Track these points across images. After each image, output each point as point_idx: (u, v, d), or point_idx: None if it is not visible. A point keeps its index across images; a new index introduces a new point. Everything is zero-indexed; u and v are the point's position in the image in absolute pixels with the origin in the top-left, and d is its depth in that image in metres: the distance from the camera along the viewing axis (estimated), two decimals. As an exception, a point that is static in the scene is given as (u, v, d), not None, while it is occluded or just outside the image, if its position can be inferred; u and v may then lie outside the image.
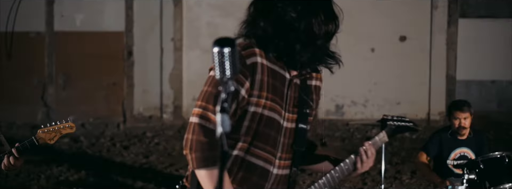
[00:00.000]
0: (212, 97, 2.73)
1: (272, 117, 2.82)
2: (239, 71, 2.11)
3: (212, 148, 2.69)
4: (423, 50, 12.66)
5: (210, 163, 2.68)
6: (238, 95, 2.74)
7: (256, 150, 2.83)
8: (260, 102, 2.79)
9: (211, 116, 2.70)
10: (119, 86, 12.70)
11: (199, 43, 12.83)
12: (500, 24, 12.64)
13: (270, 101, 2.81)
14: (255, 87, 2.77)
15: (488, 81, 12.65)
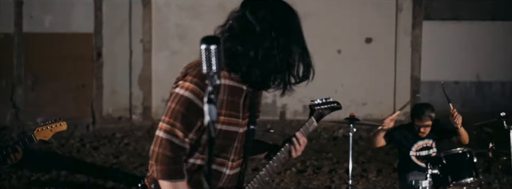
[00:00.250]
0: (180, 115, 2.93)
1: (229, 130, 3.05)
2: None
3: (176, 162, 2.93)
4: (389, 51, 12.99)
5: (173, 176, 2.92)
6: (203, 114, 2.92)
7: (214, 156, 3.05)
8: (218, 119, 2.98)
9: (178, 133, 2.92)
10: (88, 88, 12.79)
11: (168, 45, 12.98)
12: (463, 26, 13.04)
13: (227, 117, 3.03)
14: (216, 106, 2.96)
15: (452, 82, 13.00)
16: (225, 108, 3.01)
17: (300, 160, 9.88)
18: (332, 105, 3.50)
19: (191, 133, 2.95)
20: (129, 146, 11.21)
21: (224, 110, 3.00)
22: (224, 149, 3.07)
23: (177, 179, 2.92)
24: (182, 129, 2.93)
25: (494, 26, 13.02)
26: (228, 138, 3.05)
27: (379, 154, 10.55)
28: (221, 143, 3.04)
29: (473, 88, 12.97)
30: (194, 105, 2.93)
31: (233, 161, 3.12)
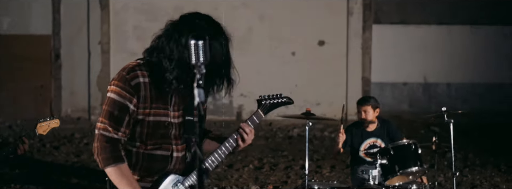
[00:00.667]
0: (109, 114, 3.39)
1: (157, 120, 3.49)
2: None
3: (113, 150, 3.38)
4: (340, 54, 13.69)
5: (113, 161, 3.36)
6: (129, 109, 3.36)
7: (152, 145, 3.50)
8: (145, 111, 3.45)
9: (109, 128, 3.39)
10: (46, 89, 13.13)
11: (126, 46, 13.41)
12: (411, 30, 13.88)
13: (153, 109, 3.48)
14: (140, 101, 3.41)
15: (401, 83, 13.79)
16: (150, 101, 3.44)
17: (257, 158, 10.38)
18: (280, 99, 3.88)
19: (122, 127, 3.40)
20: (89, 146, 11.54)
21: (148, 104, 3.44)
22: (164, 137, 3.50)
23: (117, 163, 3.35)
24: (112, 125, 3.37)
25: (440, 30, 13.88)
26: (161, 127, 3.48)
27: (332, 152, 11.13)
28: (153, 131, 3.48)
29: (420, 89, 13.78)
30: (119, 103, 3.39)
31: (177, 145, 3.54)
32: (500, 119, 13.34)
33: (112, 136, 3.36)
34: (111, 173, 3.35)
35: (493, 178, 9.19)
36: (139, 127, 3.43)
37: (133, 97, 3.37)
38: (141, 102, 3.39)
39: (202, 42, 2.70)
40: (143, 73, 3.42)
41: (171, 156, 3.49)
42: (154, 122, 3.44)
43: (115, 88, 3.42)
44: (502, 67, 13.94)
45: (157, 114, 3.45)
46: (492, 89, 13.95)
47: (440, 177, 8.66)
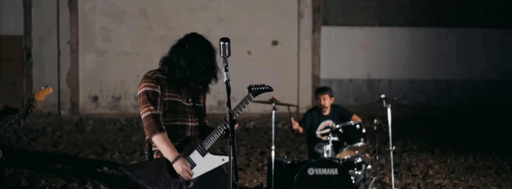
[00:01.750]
0: (146, 100, 4.71)
1: (175, 100, 4.82)
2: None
3: (157, 124, 4.67)
4: (292, 53, 14.97)
5: (158, 131, 4.65)
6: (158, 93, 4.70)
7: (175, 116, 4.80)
8: (164, 94, 4.79)
9: (152, 108, 4.68)
10: (18, 85, 14.17)
11: (94, 46, 14.53)
12: (356, 31, 15.14)
13: (171, 92, 4.81)
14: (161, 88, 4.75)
15: (347, 80, 15.09)
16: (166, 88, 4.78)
17: (219, 146, 11.71)
18: (264, 87, 5.28)
19: (159, 106, 4.71)
20: (63, 137, 12.68)
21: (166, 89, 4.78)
22: (181, 112, 4.82)
23: (161, 132, 4.67)
24: (152, 105, 4.70)
25: (382, 31, 15.13)
26: (177, 104, 4.80)
27: (286, 141, 12.54)
28: (176, 108, 4.79)
29: (365, 85, 15.05)
30: (151, 90, 4.72)
31: (192, 119, 4.86)
32: (435, 112, 14.84)
33: (155, 112, 4.66)
34: (156, 140, 4.63)
35: (427, 161, 10.70)
36: (165, 105, 4.75)
37: (158, 85, 4.71)
38: (161, 88, 4.73)
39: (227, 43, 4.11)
40: (158, 73, 4.82)
41: (187, 124, 4.82)
42: (172, 101, 4.76)
43: (145, 84, 4.76)
44: (437, 65, 15.12)
45: (172, 96, 4.78)
46: (429, 85, 15.18)
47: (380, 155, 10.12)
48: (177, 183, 4.67)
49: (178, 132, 4.77)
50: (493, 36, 14.77)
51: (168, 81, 4.79)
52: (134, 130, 13.79)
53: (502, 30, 14.72)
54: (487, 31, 14.91)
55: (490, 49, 14.85)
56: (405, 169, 10.01)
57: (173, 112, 4.76)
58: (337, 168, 7.05)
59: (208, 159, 4.76)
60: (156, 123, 4.64)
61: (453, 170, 9.92)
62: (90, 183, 8.63)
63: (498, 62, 14.98)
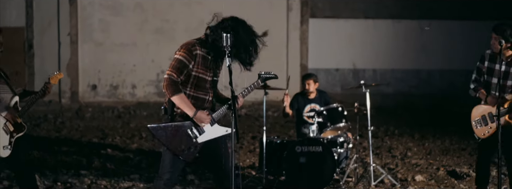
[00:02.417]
0: (175, 66, 5.53)
1: (201, 76, 5.68)
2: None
3: (176, 86, 5.51)
4: (281, 44, 15.84)
5: (177, 92, 5.49)
6: (188, 66, 5.57)
7: (198, 90, 5.67)
8: (194, 70, 5.66)
9: (174, 75, 5.50)
10: (21, 75, 15.02)
11: (92, 37, 15.39)
12: (342, 24, 15.94)
13: (200, 70, 5.69)
14: (195, 64, 5.63)
15: (333, 69, 15.92)
16: (198, 66, 5.64)
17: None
18: (270, 75, 6.20)
19: (181, 75, 5.54)
20: (65, 124, 13.55)
21: (198, 66, 5.64)
22: (204, 86, 5.67)
23: (179, 92, 5.50)
24: (176, 73, 5.52)
25: (366, 23, 15.94)
26: (202, 80, 5.64)
27: (276, 127, 13.46)
28: (199, 83, 5.63)
29: (350, 74, 15.88)
30: (183, 62, 5.52)
31: (210, 92, 5.73)
32: (417, 100, 15.74)
33: (175, 79, 5.48)
34: (176, 98, 5.46)
35: (407, 144, 11.63)
36: (192, 78, 5.57)
37: (192, 60, 5.57)
38: (195, 65, 5.58)
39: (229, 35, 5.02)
40: (199, 48, 5.60)
41: (207, 98, 5.71)
42: (199, 77, 5.62)
43: (182, 53, 5.54)
44: (419, 55, 15.93)
45: (201, 73, 5.63)
46: (410, 74, 16.01)
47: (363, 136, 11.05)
48: (186, 144, 5.56)
49: (198, 103, 5.62)
50: (471, 28, 15.49)
51: (203, 58, 5.60)
52: (131, 117, 14.67)
53: (479, 22, 15.47)
54: (465, 24, 15.66)
55: (468, 41, 15.55)
56: (386, 151, 10.92)
57: (197, 86, 5.59)
58: (321, 146, 7.95)
59: (215, 128, 5.65)
60: (175, 86, 5.49)
61: (430, 152, 10.84)
62: (97, 162, 9.52)
63: (476, 53, 15.82)
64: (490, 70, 6.81)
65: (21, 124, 6.34)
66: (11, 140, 6.23)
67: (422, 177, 8.71)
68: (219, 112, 5.68)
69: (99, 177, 8.53)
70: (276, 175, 8.26)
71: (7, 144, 6.17)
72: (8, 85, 6.45)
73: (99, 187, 8.04)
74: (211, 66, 5.68)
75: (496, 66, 6.76)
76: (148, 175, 8.71)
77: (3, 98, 6.28)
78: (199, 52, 5.61)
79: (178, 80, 5.53)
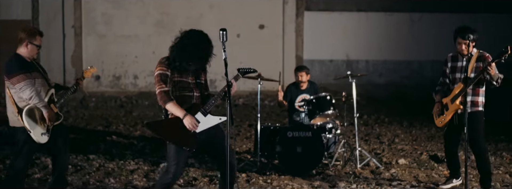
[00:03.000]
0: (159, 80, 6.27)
1: (183, 80, 6.43)
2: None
3: (168, 96, 6.24)
4: (277, 36, 16.55)
5: (169, 100, 6.22)
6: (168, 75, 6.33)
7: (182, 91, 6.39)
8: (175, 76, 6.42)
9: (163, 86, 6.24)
10: (27, 66, 15.81)
11: (95, 30, 16.16)
12: (336, 16, 16.63)
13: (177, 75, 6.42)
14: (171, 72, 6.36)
15: (327, 60, 16.63)
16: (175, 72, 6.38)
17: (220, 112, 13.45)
18: (250, 69, 6.95)
19: (168, 85, 6.27)
20: (70, 112, 14.35)
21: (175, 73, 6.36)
22: (187, 87, 6.39)
23: (171, 100, 6.24)
24: (162, 84, 6.31)
25: (359, 16, 16.62)
26: (184, 83, 6.36)
27: (272, 116, 14.26)
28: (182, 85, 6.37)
29: (344, 65, 16.59)
30: (162, 74, 6.27)
31: (195, 90, 6.47)
32: (408, 90, 16.51)
33: (165, 89, 6.23)
34: (169, 106, 6.21)
35: (395, 131, 12.43)
36: (175, 83, 6.36)
37: (168, 69, 6.36)
38: (171, 71, 6.38)
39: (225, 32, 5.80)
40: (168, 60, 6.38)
41: (192, 94, 6.49)
42: (179, 80, 6.36)
43: (159, 68, 6.31)
44: (410, 47, 16.62)
45: (179, 76, 6.38)
46: (402, 65, 16.70)
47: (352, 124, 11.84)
48: (186, 136, 6.34)
49: (186, 100, 6.39)
50: (460, 20, 16.08)
51: (177, 65, 6.40)
52: (133, 106, 15.48)
53: (468, 15, 16.22)
54: (455, 16, 16.31)
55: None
56: (375, 137, 11.72)
57: (181, 87, 6.38)
58: (311, 131, 8.73)
59: (209, 118, 6.41)
60: (167, 96, 6.27)
61: (416, 139, 11.64)
62: (103, 148, 10.34)
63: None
64: (453, 68, 7.65)
65: (57, 114, 7.08)
66: (49, 128, 6.98)
67: (405, 160, 9.50)
68: (209, 104, 6.43)
69: (106, 161, 9.33)
70: (269, 158, 9.05)
71: (45, 132, 6.92)
72: (45, 79, 7.18)
73: (107, 170, 8.83)
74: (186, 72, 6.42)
75: (458, 64, 7.61)
76: (152, 159, 9.49)
77: (41, 91, 7.01)
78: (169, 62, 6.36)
79: (168, 89, 6.28)
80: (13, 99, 6.90)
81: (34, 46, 7.26)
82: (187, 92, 6.39)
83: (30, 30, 7.46)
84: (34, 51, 7.28)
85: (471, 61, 7.42)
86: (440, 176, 8.53)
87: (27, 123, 6.82)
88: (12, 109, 6.96)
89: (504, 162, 9.52)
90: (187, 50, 6.26)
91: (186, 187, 7.88)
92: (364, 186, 7.97)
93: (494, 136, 11.61)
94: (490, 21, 16.65)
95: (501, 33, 16.60)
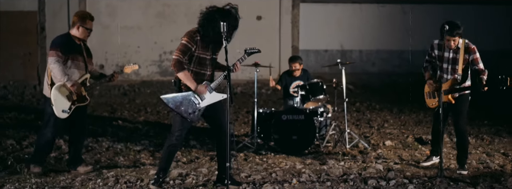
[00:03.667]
0: (180, 50, 7.07)
1: (202, 56, 7.28)
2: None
3: (181, 65, 7.05)
4: (274, 27, 17.33)
5: (182, 69, 7.03)
6: (191, 49, 7.19)
7: (199, 67, 7.26)
8: (197, 52, 7.27)
9: (180, 56, 7.03)
10: (34, 55, 16.63)
11: (99, 21, 16.90)
12: (330, 8, 17.39)
13: (200, 51, 7.29)
14: (196, 47, 7.24)
15: (322, 50, 17.41)
16: (198, 48, 7.26)
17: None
18: (254, 50, 7.78)
19: (186, 56, 7.11)
20: (77, 100, 15.19)
21: (198, 48, 7.24)
22: (204, 63, 7.23)
23: (183, 70, 7.04)
24: (182, 54, 7.08)
25: (353, 7, 17.37)
26: (202, 59, 7.18)
27: (268, 103, 15.10)
28: (202, 62, 7.20)
29: (338, 55, 17.31)
30: (187, 46, 7.07)
31: (209, 68, 7.29)
32: (399, 78, 17.30)
33: (181, 60, 7.01)
34: (181, 74, 7.01)
35: (385, 116, 13.27)
36: (194, 58, 7.11)
37: (194, 45, 7.16)
38: (196, 48, 7.12)
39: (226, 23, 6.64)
40: (199, 34, 7.16)
41: (206, 73, 7.31)
42: (200, 57, 7.18)
43: (186, 39, 7.06)
44: (402, 37, 17.29)
45: (201, 53, 7.19)
46: (394, 55, 17.44)
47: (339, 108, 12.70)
48: (192, 109, 7.21)
49: (199, 77, 7.20)
50: (451, 11, 16.84)
51: (201, 41, 7.14)
52: (136, 94, 16.33)
53: (456, 6, 16.95)
54: (444, 7, 17.06)
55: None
56: (365, 122, 12.56)
57: (199, 64, 7.15)
58: (303, 115, 9.59)
59: (214, 95, 7.28)
60: (181, 65, 7.05)
61: (405, 123, 12.48)
62: (110, 131, 11.20)
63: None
64: (440, 57, 8.44)
65: (84, 97, 7.91)
66: (72, 107, 7.80)
67: (391, 142, 10.36)
68: (216, 82, 7.29)
69: (114, 142, 10.20)
70: (265, 140, 9.91)
71: (67, 109, 7.75)
72: (84, 63, 7.98)
73: (116, 150, 9.69)
74: (209, 47, 7.28)
75: (445, 54, 8.39)
76: (156, 141, 10.34)
77: (74, 73, 7.82)
78: (199, 37, 7.19)
79: (183, 60, 7.08)
80: (50, 71, 7.74)
81: (85, 29, 8.02)
82: (203, 70, 7.21)
83: (83, 14, 8.19)
84: (85, 33, 8.02)
85: (460, 54, 8.21)
86: (422, 155, 9.38)
87: (53, 96, 7.66)
88: (47, 79, 7.78)
89: (483, 143, 10.37)
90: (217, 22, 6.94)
91: (190, 164, 8.73)
92: (351, 163, 8.83)
93: (478, 120, 12.48)
94: (478, 11, 17.37)
95: (489, 23, 17.34)
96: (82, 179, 7.81)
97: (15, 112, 13.10)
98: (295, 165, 8.71)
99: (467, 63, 8.20)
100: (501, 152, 9.65)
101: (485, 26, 17.17)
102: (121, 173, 8.06)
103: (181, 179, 7.80)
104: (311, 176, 8.01)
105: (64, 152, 9.32)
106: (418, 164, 8.79)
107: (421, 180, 7.79)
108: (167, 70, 17.23)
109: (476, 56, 8.14)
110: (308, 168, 8.44)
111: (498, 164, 8.77)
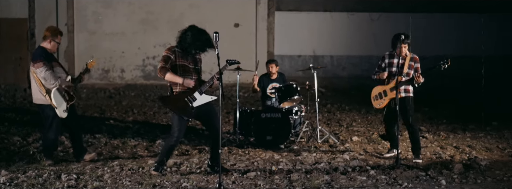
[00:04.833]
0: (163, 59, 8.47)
1: (184, 64, 8.63)
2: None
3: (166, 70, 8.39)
4: (251, 33, 18.53)
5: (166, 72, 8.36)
6: (171, 58, 8.58)
7: (185, 74, 8.55)
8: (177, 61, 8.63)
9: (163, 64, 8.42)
10: (24, 60, 17.82)
11: (86, 27, 18.22)
12: (304, 16, 18.59)
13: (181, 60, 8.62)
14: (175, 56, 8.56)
15: (296, 56, 18.64)
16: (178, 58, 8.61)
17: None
18: (235, 61, 9.18)
19: (168, 64, 8.40)
20: (67, 102, 16.47)
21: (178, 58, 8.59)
22: (187, 71, 8.55)
23: (167, 71, 8.31)
24: (163, 62, 8.43)
25: (325, 16, 18.57)
26: (185, 67, 8.51)
27: (246, 105, 16.51)
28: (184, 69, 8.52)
29: (311, 60, 18.53)
30: (167, 55, 8.42)
31: (194, 74, 8.62)
32: (368, 82, 18.55)
33: (164, 66, 8.34)
34: (167, 76, 8.34)
35: (354, 116, 14.72)
36: (178, 67, 8.50)
37: (173, 54, 8.58)
38: (175, 57, 8.47)
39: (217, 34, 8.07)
40: (176, 48, 8.58)
41: (192, 77, 8.64)
42: (183, 65, 8.58)
43: (166, 51, 8.53)
44: (370, 43, 18.41)
45: (182, 61, 8.58)
46: (363, 60, 18.60)
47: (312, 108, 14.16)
48: (186, 108, 8.59)
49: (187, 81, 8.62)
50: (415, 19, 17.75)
51: (180, 52, 8.61)
52: (121, 97, 17.63)
53: (422, 14, 18.21)
54: (410, 16, 17.75)
55: (413, 30, 18.05)
56: (335, 122, 14.00)
57: (184, 71, 8.54)
58: (280, 113, 11.00)
59: (204, 96, 8.68)
60: (165, 70, 8.35)
61: (371, 122, 13.95)
62: (105, 129, 12.57)
63: (419, 41, 18.32)
64: (390, 63, 10.01)
65: (72, 96, 9.27)
66: (67, 106, 9.18)
67: (358, 138, 11.83)
68: (204, 86, 8.67)
69: (111, 139, 11.57)
70: (246, 136, 11.28)
71: (66, 109, 9.13)
72: (62, 67, 9.35)
73: (113, 145, 11.08)
74: (188, 57, 8.57)
75: (394, 60, 9.95)
76: (148, 138, 11.73)
77: (62, 76, 9.19)
78: (177, 49, 8.55)
79: (166, 66, 8.43)
80: (40, 81, 9.00)
81: (55, 42, 9.37)
82: (188, 75, 8.51)
83: (54, 29, 9.56)
84: (55, 46, 9.38)
85: (406, 60, 9.79)
86: (384, 149, 10.90)
87: (54, 100, 8.97)
88: (39, 89, 9.02)
89: (439, 139, 11.89)
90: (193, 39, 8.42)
91: (182, 156, 10.16)
92: (322, 154, 10.31)
93: (437, 119, 14.04)
94: (440, 20, 18.67)
95: (450, 31, 18.69)
96: (91, 167, 9.19)
97: (12, 112, 14.38)
98: (274, 156, 10.15)
99: (410, 68, 9.75)
100: (453, 145, 11.18)
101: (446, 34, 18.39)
102: (123, 163, 9.47)
103: (177, 167, 9.23)
104: (288, 164, 9.48)
105: (68, 146, 10.66)
106: (380, 156, 10.27)
107: (382, 167, 9.29)
108: (150, 74, 18.47)
109: (418, 65, 9.80)
110: (285, 158, 9.91)
111: (449, 155, 10.31)
